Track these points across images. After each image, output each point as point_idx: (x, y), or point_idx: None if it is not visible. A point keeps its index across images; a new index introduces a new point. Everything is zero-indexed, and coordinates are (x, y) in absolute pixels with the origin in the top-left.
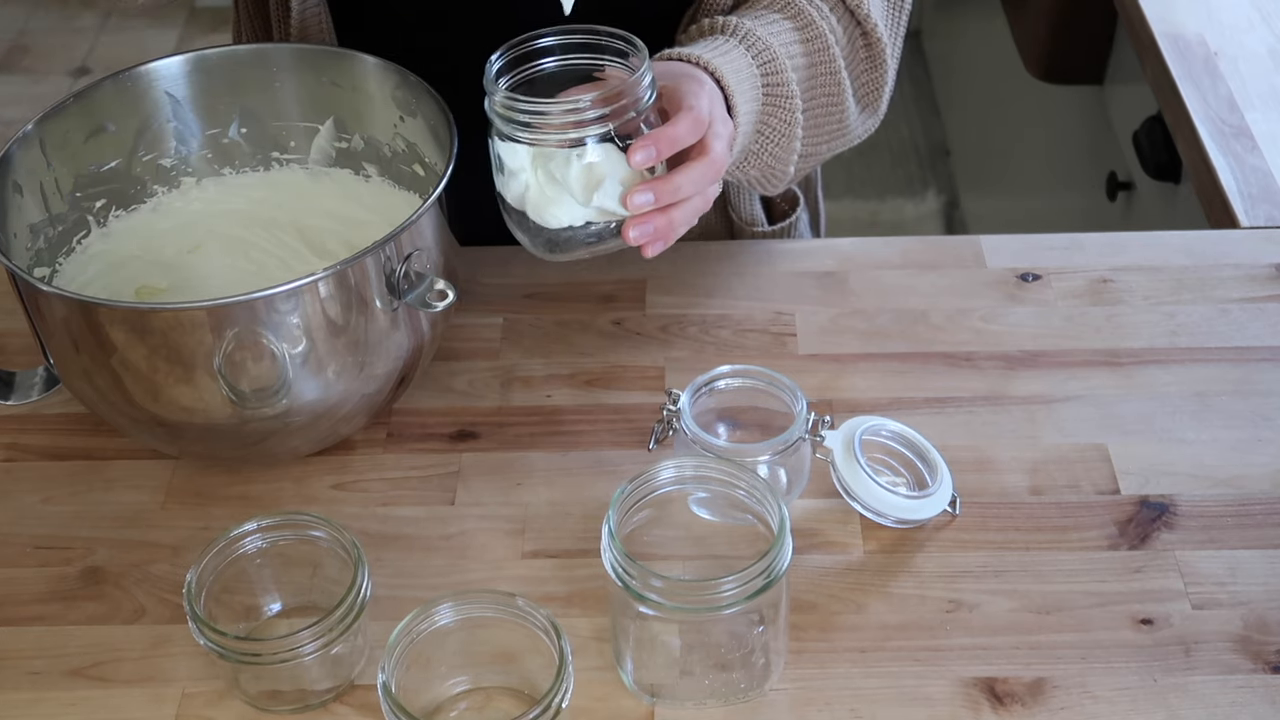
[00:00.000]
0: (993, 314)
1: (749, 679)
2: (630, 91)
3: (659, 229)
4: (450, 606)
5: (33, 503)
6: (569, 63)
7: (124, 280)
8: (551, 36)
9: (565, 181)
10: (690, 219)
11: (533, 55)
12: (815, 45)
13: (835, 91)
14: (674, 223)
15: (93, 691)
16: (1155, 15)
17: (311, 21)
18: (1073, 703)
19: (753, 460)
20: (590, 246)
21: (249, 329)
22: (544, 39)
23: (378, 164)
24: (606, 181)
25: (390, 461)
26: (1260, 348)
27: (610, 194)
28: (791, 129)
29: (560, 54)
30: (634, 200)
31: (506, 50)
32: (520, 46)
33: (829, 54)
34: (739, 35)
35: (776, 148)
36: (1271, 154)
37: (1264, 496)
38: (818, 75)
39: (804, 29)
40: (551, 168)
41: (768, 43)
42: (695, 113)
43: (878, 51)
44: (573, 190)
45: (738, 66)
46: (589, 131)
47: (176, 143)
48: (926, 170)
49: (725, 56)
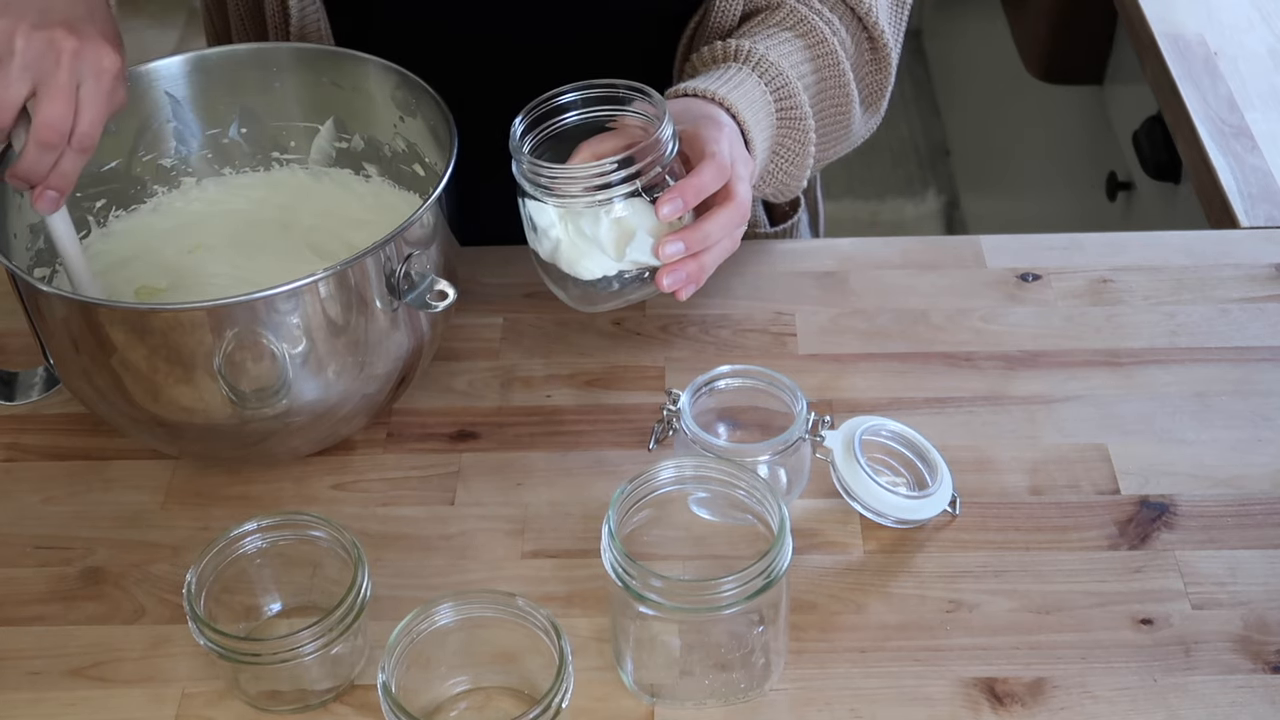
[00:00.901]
0: (993, 314)
1: (749, 679)
2: (653, 149)
3: (690, 274)
4: (450, 606)
5: (33, 503)
6: (589, 116)
7: (124, 280)
8: (572, 93)
9: (595, 237)
10: (719, 260)
11: (554, 112)
12: (824, 60)
13: (843, 101)
14: (704, 266)
15: (93, 691)
16: (1155, 15)
17: (310, 27)
18: (1073, 703)
19: (753, 460)
20: (625, 295)
21: (249, 329)
22: (564, 95)
23: (378, 164)
24: (637, 234)
25: (390, 461)
26: (1260, 348)
27: (641, 245)
28: (805, 148)
29: (581, 108)
30: (665, 251)
31: (529, 112)
32: (541, 106)
33: (838, 67)
34: (751, 62)
35: (791, 166)
36: (1271, 154)
37: (1264, 496)
38: (826, 89)
39: (813, 45)
40: (581, 224)
41: (780, 67)
42: (719, 160)
43: (883, 55)
44: (603, 245)
45: (752, 98)
46: (616, 192)
47: (176, 143)
48: (926, 170)
49: (740, 89)
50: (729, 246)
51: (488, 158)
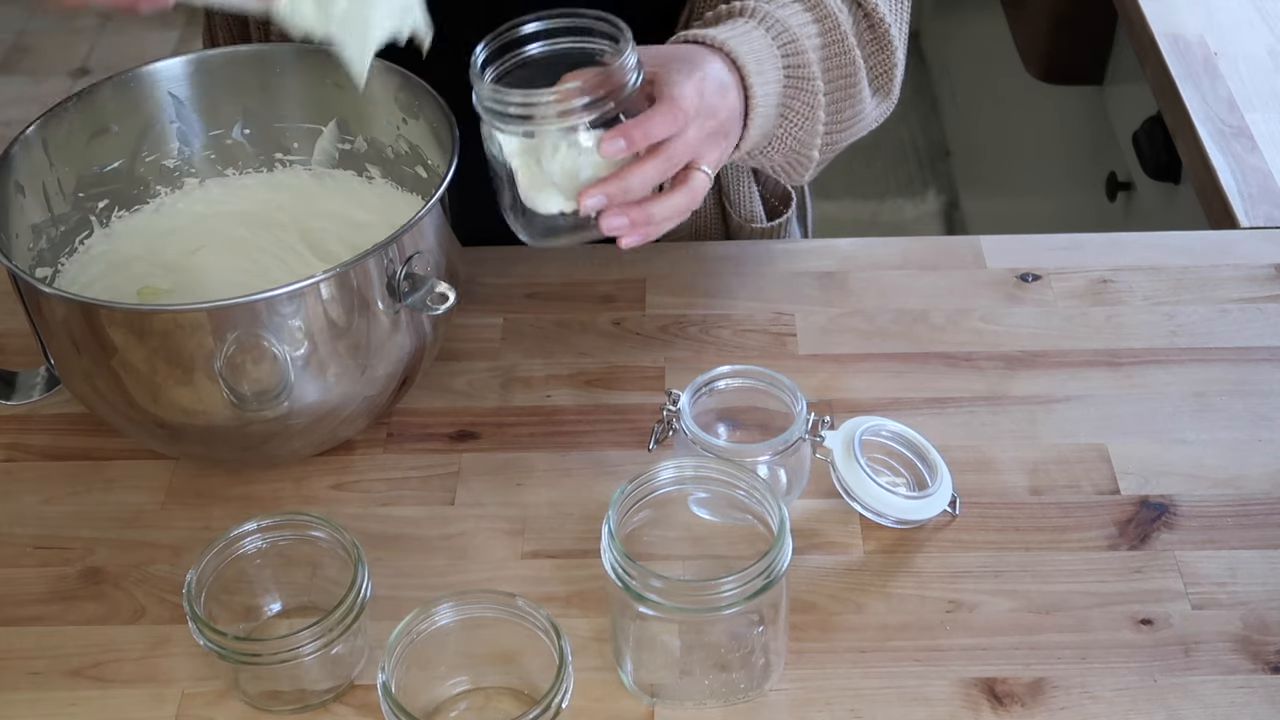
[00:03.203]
0: (993, 314)
1: (749, 679)
2: (609, 81)
3: (634, 221)
4: (450, 607)
5: (33, 503)
6: (555, 48)
7: (126, 281)
8: (536, 23)
9: (549, 170)
10: (673, 215)
11: (518, 42)
12: (828, 25)
13: (851, 73)
14: (653, 217)
15: (93, 691)
16: (1155, 15)
17: None
18: (1072, 703)
19: (753, 460)
20: (577, 234)
21: (250, 331)
22: (528, 25)
23: (380, 166)
24: (584, 171)
25: (390, 462)
26: (1260, 348)
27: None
28: (815, 111)
29: (545, 39)
30: (585, 203)
31: (491, 40)
32: (504, 35)
33: (843, 37)
34: (757, 17)
35: (800, 131)
36: (1271, 154)
37: (1264, 497)
38: (833, 57)
39: (815, 9)
40: (539, 156)
41: (786, 24)
42: (675, 103)
43: (881, 32)
44: (555, 179)
45: (756, 46)
46: (569, 121)
47: (179, 143)
48: (926, 170)
49: (743, 37)
50: (683, 203)
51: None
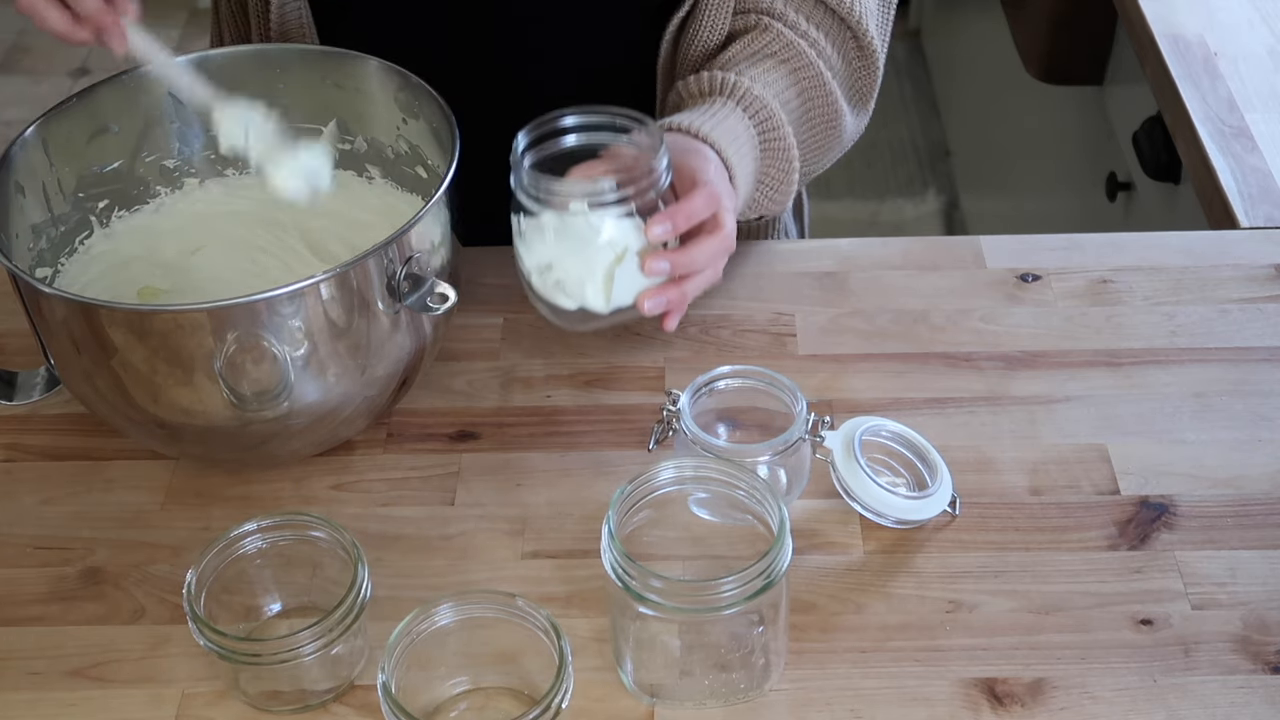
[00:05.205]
0: (993, 314)
1: (749, 679)
2: (647, 174)
3: (672, 300)
4: (450, 607)
5: (32, 503)
6: (589, 140)
7: (126, 281)
8: (573, 116)
9: (585, 255)
10: (701, 289)
11: (555, 133)
12: (809, 83)
13: (831, 116)
14: (686, 295)
15: (93, 692)
16: (1155, 15)
17: (291, 19)
18: (1073, 703)
19: (753, 460)
20: (610, 318)
21: (250, 331)
22: (566, 118)
23: (380, 166)
24: (626, 255)
25: (390, 462)
26: (1259, 348)
27: (628, 268)
28: (789, 175)
29: (580, 132)
30: (651, 266)
31: (531, 129)
32: (543, 126)
33: (824, 88)
34: (735, 96)
35: (775, 193)
36: (1271, 154)
37: (1264, 497)
38: (813, 110)
39: (797, 70)
40: (573, 242)
41: (763, 100)
42: (709, 188)
43: (871, 56)
44: (592, 266)
45: (735, 132)
46: (610, 211)
47: (179, 143)
48: (926, 170)
49: (724, 125)
50: (711, 276)
51: (489, 159)
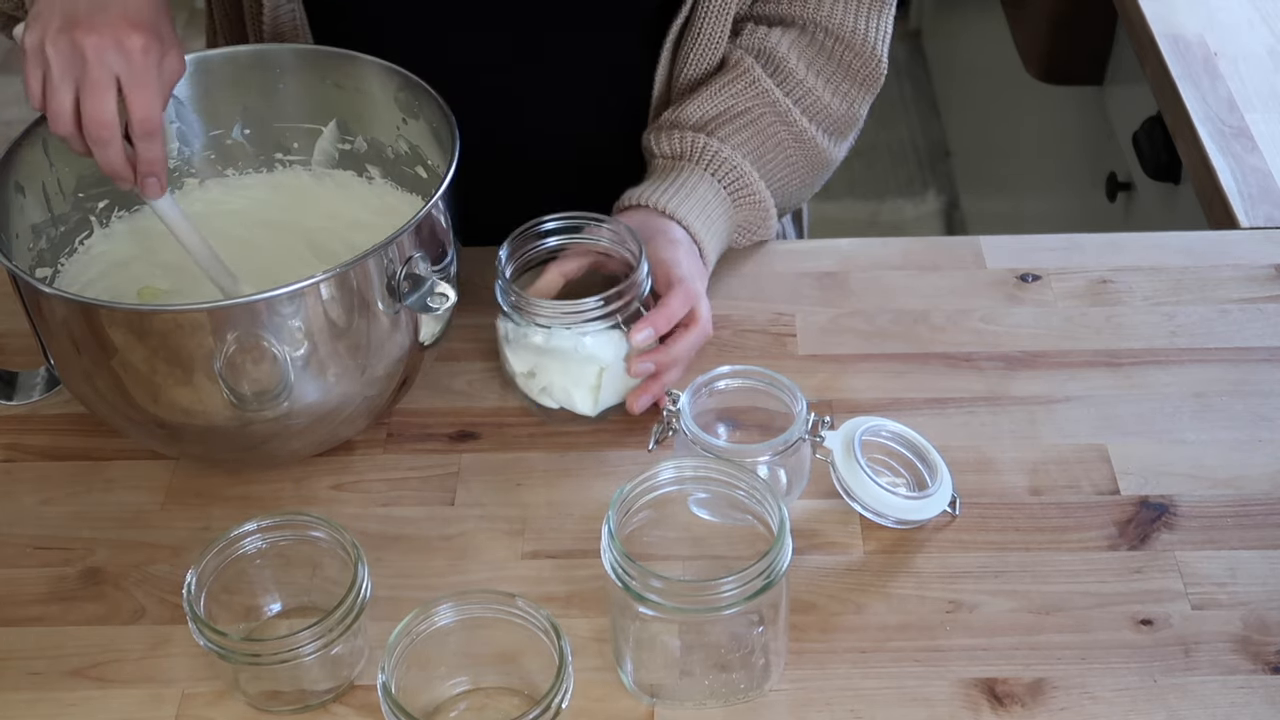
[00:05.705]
0: (993, 314)
1: (749, 679)
2: (631, 290)
3: (655, 393)
4: (450, 607)
5: (32, 503)
6: (569, 241)
7: (126, 281)
8: (553, 221)
9: (569, 364)
10: (678, 377)
11: (538, 236)
12: (787, 132)
13: (811, 154)
14: (666, 385)
15: (93, 692)
16: (1155, 15)
17: (285, 20)
18: (1073, 703)
19: (753, 461)
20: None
21: (250, 331)
22: (547, 223)
23: (380, 166)
24: (610, 361)
25: (390, 462)
26: (1259, 348)
27: (613, 373)
28: (767, 220)
29: (561, 235)
30: (637, 369)
31: (514, 238)
32: (526, 232)
33: (802, 135)
34: (704, 161)
35: (754, 235)
36: (1271, 154)
37: (1264, 497)
38: (791, 156)
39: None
40: (559, 356)
41: (733, 162)
42: (685, 286)
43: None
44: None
45: (705, 199)
46: (595, 327)
47: (180, 143)
48: (926, 170)
49: (694, 195)
50: (686, 363)
51: (489, 160)
